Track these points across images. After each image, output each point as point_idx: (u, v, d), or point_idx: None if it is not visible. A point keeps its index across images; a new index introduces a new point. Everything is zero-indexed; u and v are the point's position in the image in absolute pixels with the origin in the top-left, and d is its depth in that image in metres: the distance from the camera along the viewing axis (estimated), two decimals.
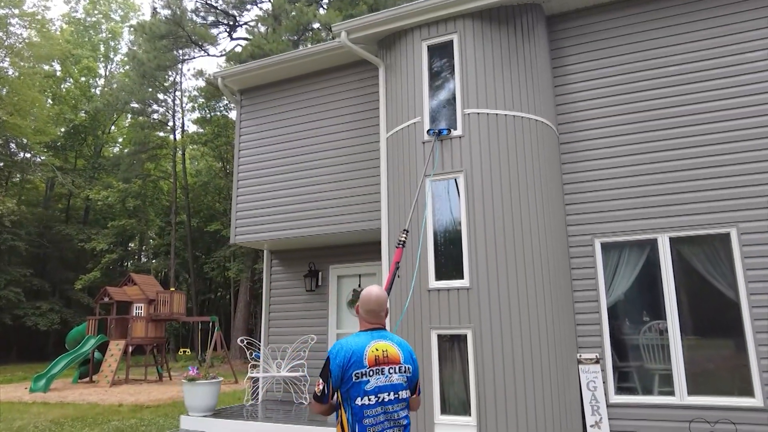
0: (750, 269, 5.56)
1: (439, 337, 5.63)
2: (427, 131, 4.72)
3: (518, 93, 6.11)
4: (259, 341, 9.01)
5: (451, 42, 6.27)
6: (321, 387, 2.65)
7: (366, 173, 7.60)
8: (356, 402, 2.62)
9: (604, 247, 6.22)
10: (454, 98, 6.10)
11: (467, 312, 5.52)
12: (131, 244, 35.66)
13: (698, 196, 5.88)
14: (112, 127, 35.35)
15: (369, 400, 2.63)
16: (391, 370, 2.71)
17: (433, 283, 5.75)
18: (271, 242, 8.60)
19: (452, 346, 5.61)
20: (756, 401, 5.34)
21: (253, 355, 9.12)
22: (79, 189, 29.04)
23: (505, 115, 5.99)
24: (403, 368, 2.76)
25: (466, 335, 5.50)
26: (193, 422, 7.22)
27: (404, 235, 3.65)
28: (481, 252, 5.62)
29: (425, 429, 5.43)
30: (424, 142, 6.09)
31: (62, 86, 33.05)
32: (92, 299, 28.54)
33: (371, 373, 2.66)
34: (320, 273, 8.84)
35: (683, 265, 5.88)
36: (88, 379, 16.71)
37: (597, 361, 5.93)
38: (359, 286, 8.69)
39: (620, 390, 5.90)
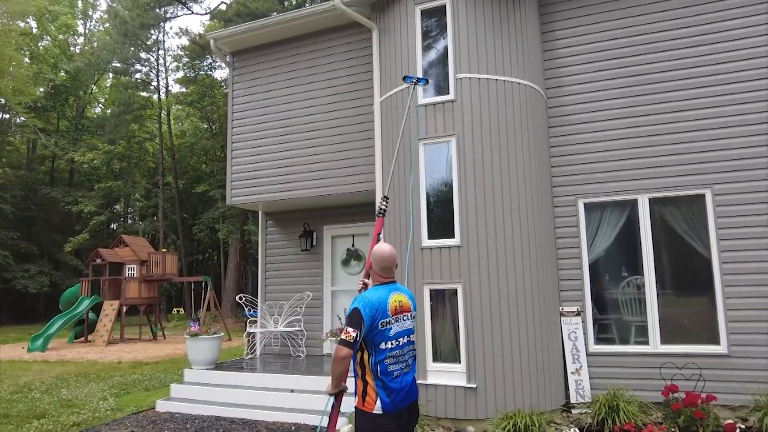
0: (722, 228, 5.95)
1: (432, 291, 5.99)
2: (403, 78, 4.75)
3: (508, 58, 6.30)
4: (255, 299, 9.34)
5: (443, 6, 6.38)
6: (353, 335, 2.95)
7: (359, 136, 7.78)
8: (380, 346, 3.05)
9: (587, 207, 6.55)
10: (446, 63, 6.27)
11: (458, 268, 5.86)
12: (117, 206, 35.54)
13: (676, 159, 6.20)
14: (94, 88, 34.64)
15: (391, 344, 3.08)
16: (405, 317, 3.18)
17: (426, 242, 6.06)
18: (266, 204, 8.82)
19: (444, 299, 5.97)
20: (721, 348, 5.82)
21: (251, 313, 9.46)
22: (63, 151, 28.70)
23: (496, 80, 6.19)
24: (413, 314, 3.26)
25: (456, 290, 5.85)
26: (197, 375, 7.58)
27: (385, 203, 3.88)
28: (472, 212, 5.91)
29: (419, 375, 5.83)
30: (417, 106, 6.29)
31: (39, 44, 32.11)
32: (81, 261, 28.68)
33: (393, 321, 3.10)
34: (315, 233, 9.12)
35: (661, 224, 6.25)
36: (83, 338, 17.07)
37: (578, 314, 6.35)
38: (353, 245, 9.00)
39: (599, 340, 6.35)
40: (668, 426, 5.19)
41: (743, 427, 5.39)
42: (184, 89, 30.12)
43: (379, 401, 3.06)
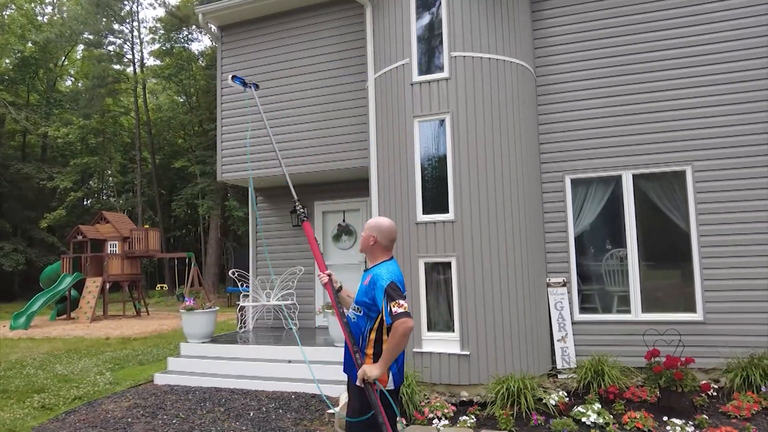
0: (701, 203, 6.28)
1: (426, 264, 6.20)
2: (232, 77, 4.40)
3: (501, 36, 6.43)
4: (247, 274, 9.46)
5: None
6: (406, 304, 3.02)
7: (352, 112, 7.87)
8: None
9: (574, 182, 6.81)
10: (441, 41, 6.38)
11: (452, 242, 6.08)
12: (92, 182, 34.83)
13: (659, 136, 6.48)
14: (65, 60, 33.56)
15: None
16: None
17: (421, 217, 6.25)
18: (257, 180, 8.87)
19: (438, 272, 6.20)
20: (698, 316, 6.20)
21: (243, 288, 9.58)
22: (35, 126, 27.90)
23: (489, 58, 6.33)
24: None
25: (450, 262, 6.08)
26: (193, 348, 7.73)
27: (300, 206, 3.91)
28: (465, 188, 6.11)
29: (414, 344, 6.09)
30: (412, 84, 6.40)
31: (4, 13, 30.84)
32: (57, 238, 28.20)
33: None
34: (306, 209, 9.21)
35: (643, 199, 6.55)
36: (66, 316, 16.96)
37: (564, 285, 6.65)
38: (344, 221, 9.15)
39: (583, 309, 6.68)
40: (650, 388, 5.56)
41: (716, 387, 5.80)
42: (159, 62, 29.41)
43: (391, 376, 3.13)
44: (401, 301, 3.00)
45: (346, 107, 7.96)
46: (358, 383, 3.08)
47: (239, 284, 9.49)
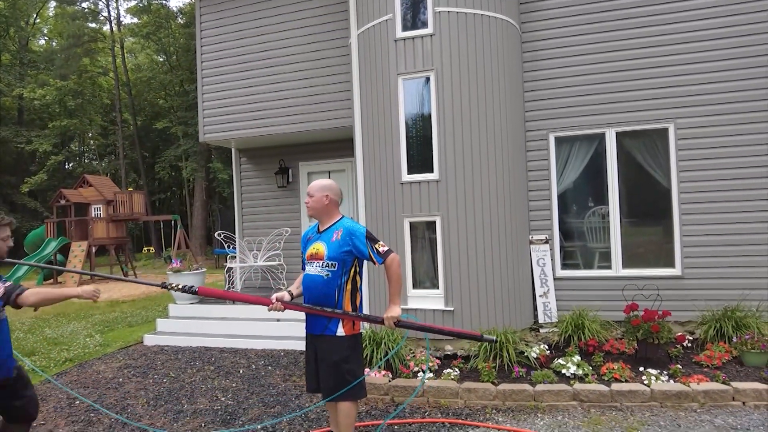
0: (682, 160, 6.35)
1: (411, 224, 6.25)
2: None
3: None
4: (233, 235, 9.47)
5: None
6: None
7: (336, 70, 7.74)
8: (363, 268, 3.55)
9: (558, 140, 6.83)
10: None
11: (437, 201, 6.12)
12: (72, 145, 34.16)
13: (643, 94, 6.48)
14: (36, 18, 32.31)
15: None
16: None
17: (405, 177, 6.25)
18: (240, 140, 8.78)
19: (422, 231, 6.26)
20: (676, 271, 6.36)
21: (231, 250, 9.60)
22: (9, 87, 27.07)
23: (474, 13, 6.21)
24: None
25: (435, 221, 6.13)
26: (182, 309, 7.80)
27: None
28: (450, 147, 6.10)
29: (401, 300, 6.19)
30: (396, 40, 6.29)
31: None
32: (39, 203, 27.82)
33: None
34: (290, 170, 9.18)
35: (626, 157, 6.61)
36: (53, 280, 16.92)
37: (546, 242, 6.76)
38: None
39: (565, 266, 6.81)
40: (628, 340, 5.75)
41: (691, 338, 6.01)
42: (137, 20, 28.45)
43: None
44: (381, 242, 3.38)
45: (331, 65, 7.82)
46: (388, 325, 3.33)
47: (226, 246, 9.51)
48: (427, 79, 6.18)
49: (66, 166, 32.61)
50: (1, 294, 3.22)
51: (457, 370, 5.36)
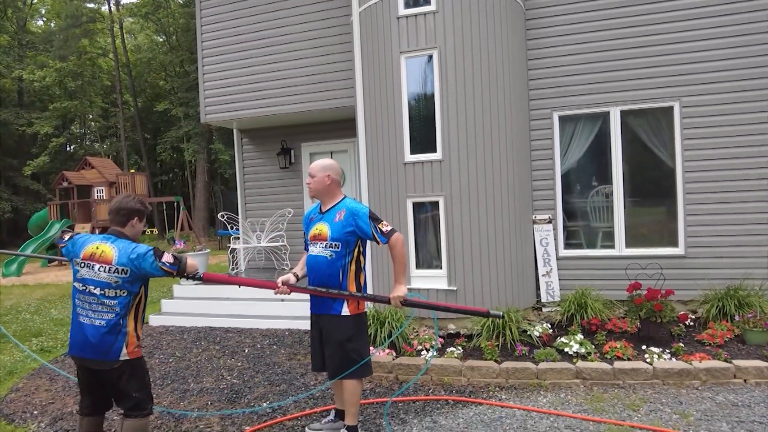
0: (687, 139, 6.30)
1: (414, 204, 6.24)
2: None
3: None
4: (237, 217, 9.48)
5: None
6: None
7: (338, 48, 7.66)
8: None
9: (562, 119, 6.78)
10: None
11: (440, 181, 6.10)
12: (73, 128, 34.05)
13: (648, 72, 6.40)
14: None
15: None
16: None
17: (408, 157, 6.22)
18: (242, 121, 8.73)
19: (426, 211, 6.25)
20: (679, 250, 6.36)
21: (234, 231, 9.62)
22: (8, 69, 26.88)
23: None
24: None
25: (438, 201, 6.12)
26: (186, 290, 7.85)
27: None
28: (453, 126, 6.06)
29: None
30: (398, 18, 6.21)
31: None
32: (42, 185, 27.84)
33: None
34: (292, 150, 9.15)
35: (631, 135, 6.56)
36: (57, 262, 17.02)
37: (549, 221, 6.75)
38: None
39: (568, 245, 6.82)
40: (630, 319, 5.77)
41: (693, 317, 6.03)
42: (136, 0, 28.11)
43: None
44: (384, 221, 3.39)
45: (333, 43, 7.74)
46: (395, 304, 3.38)
47: (229, 227, 9.52)
48: (430, 57, 6.11)
49: (68, 149, 32.59)
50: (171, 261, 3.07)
51: (460, 348, 5.40)
